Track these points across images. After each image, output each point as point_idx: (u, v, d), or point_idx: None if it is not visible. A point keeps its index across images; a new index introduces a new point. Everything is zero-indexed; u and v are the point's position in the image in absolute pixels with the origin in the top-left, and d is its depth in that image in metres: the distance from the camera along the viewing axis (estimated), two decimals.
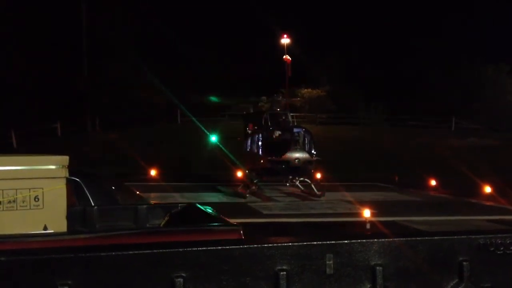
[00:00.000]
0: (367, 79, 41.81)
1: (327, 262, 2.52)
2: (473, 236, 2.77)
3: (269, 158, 15.31)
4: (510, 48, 40.71)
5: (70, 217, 4.65)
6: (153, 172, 18.19)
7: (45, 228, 4.38)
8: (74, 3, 37.63)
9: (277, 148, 15.31)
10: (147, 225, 5.83)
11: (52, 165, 4.48)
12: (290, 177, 15.92)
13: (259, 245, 2.47)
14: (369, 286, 2.57)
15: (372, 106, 40.35)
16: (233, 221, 5.76)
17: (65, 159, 4.57)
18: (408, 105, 40.04)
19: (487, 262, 2.74)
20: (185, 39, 44.65)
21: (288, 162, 14.96)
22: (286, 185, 16.79)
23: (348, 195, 15.39)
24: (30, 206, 4.35)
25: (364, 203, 12.79)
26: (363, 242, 2.62)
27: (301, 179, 16.03)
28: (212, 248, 2.43)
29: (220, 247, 2.45)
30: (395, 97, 40.34)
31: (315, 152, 15.84)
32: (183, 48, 43.74)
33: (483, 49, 41.65)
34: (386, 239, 2.66)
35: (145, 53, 36.52)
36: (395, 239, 2.68)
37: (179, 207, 6.16)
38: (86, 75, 37.77)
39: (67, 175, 4.56)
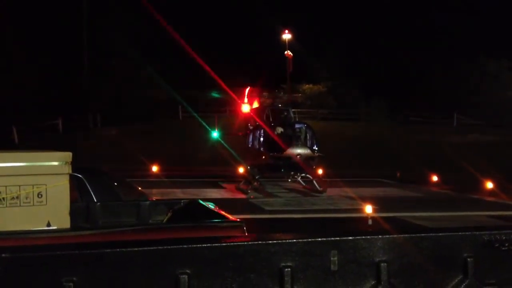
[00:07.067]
0: (368, 75, 41.74)
1: (332, 259, 2.51)
2: (478, 233, 2.75)
3: (271, 154, 15.28)
4: (511, 44, 40.43)
5: (73, 213, 4.66)
6: (154, 168, 18.19)
7: (49, 224, 4.38)
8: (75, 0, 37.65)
9: (278, 143, 15.28)
10: (150, 221, 5.84)
11: (55, 162, 4.47)
12: (292, 173, 15.91)
13: (264, 242, 2.47)
14: (373, 282, 2.56)
15: (373, 102, 40.28)
16: (235, 217, 5.76)
17: (68, 155, 4.56)
18: (409, 101, 40.00)
19: (491, 258, 2.73)
20: (186, 35, 44.56)
21: (290, 158, 14.94)
22: (288, 181, 16.79)
23: (349, 191, 15.38)
24: (33, 203, 4.35)
25: (366, 199, 12.80)
26: (367, 238, 2.61)
27: (303, 175, 16.02)
28: (216, 244, 2.43)
29: (225, 244, 2.45)
30: (396, 93, 40.27)
31: (316, 148, 15.82)
32: (184, 44, 43.65)
33: (484, 45, 41.44)
34: (390, 236, 2.66)
35: (146, 49, 36.47)
36: (400, 235, 2.68)
37: (181, 203, 6.16)
38: (87, 71, 37.77)
39: (70, 171, 4.55)
